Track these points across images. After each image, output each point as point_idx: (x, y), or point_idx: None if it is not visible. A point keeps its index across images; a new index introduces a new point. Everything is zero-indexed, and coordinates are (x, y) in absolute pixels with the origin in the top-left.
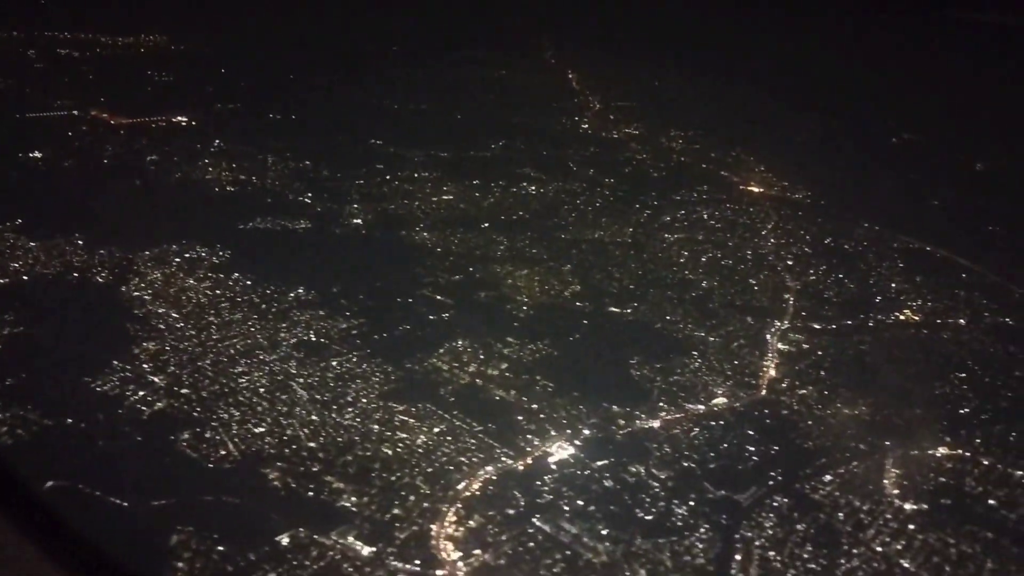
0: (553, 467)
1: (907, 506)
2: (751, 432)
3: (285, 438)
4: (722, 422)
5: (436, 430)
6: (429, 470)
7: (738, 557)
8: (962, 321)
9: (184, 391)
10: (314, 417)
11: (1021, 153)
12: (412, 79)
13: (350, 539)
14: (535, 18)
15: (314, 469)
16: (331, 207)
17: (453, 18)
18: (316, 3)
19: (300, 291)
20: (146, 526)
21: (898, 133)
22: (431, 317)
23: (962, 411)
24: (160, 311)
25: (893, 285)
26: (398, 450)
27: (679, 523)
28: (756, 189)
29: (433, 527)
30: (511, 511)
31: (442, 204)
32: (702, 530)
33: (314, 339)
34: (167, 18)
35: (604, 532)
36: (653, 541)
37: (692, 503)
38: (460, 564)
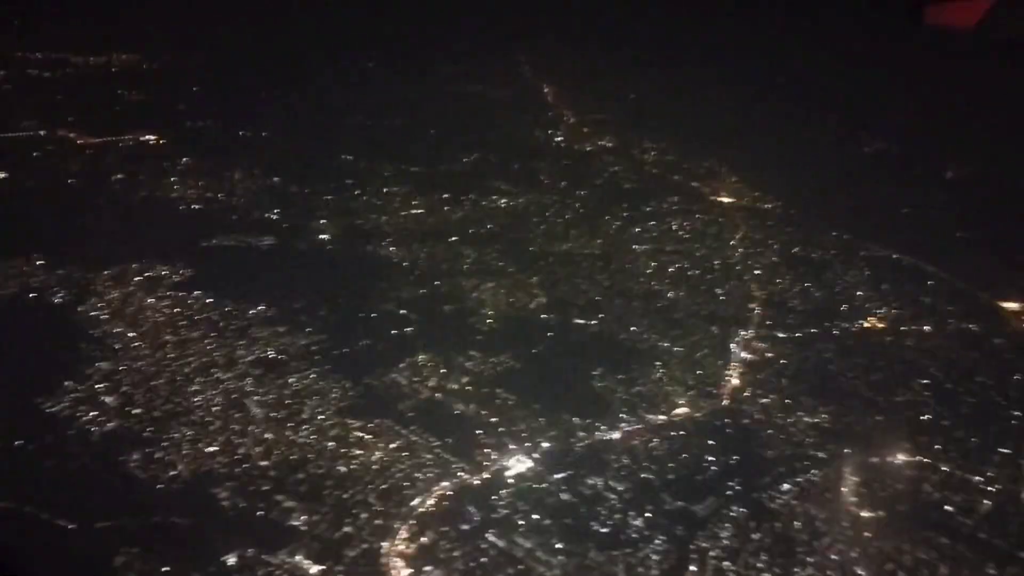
0: (510, 481)
1: (864, 513)
2: (711, 442)
3: (237, 457)
4: (682, 432)
5: (392, 446)
6: (384, 487)
7: (693, 568)
8: (927, 328)
9: (136, 411)
10: (268, 435)
11: (991, 160)
12: (386, 94)
13: (298, 558)
14: (513, 32)
15: (265, 488)
16: (297, 223)
17: (430, 33)
18: (292, 20)
19: (261, 308)
20: (91, 548)
21: (871, 143)
22: (393, 332)
23: (923, 418)
24: (116, 330)
25: (859, 293)
26: (352, 467)
27: (634, 535)
28: (727, 199)
29: (384, 544)
30: (465, 526)
31: (410, 218)
32: (657, 541)
33: (272, 356)
34: (140, 37)
35: (558, 546)
36: (607, 554)
37: (649, 515)
38: None
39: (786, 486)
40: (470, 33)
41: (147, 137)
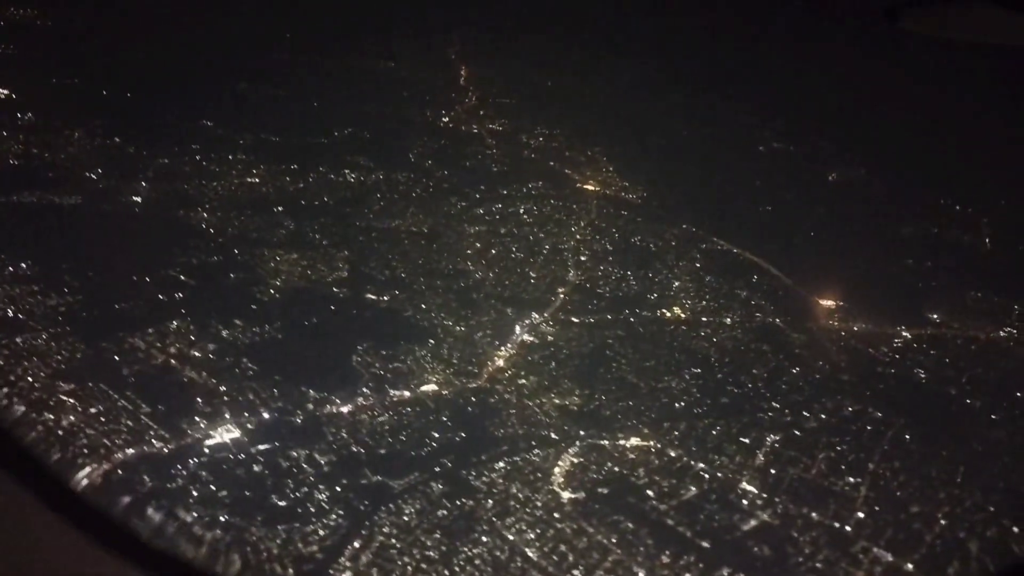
0: (205, 451)
1: (565, 494)
2: (445, 419)
3: None
4: (419, 409)
5: (93, 410)
6: (58, 455)
7: (356, 543)
8: (727, 320)
9: None
10: None
11: (880, 167)
12: (287, 66)
13: None
14: (451, 15)
15: None
16: (115, 184)
17: (365, 9)
18: None
19: (24, 265)
20: None
21: (768, 142)
22: (160, 297)
23: (677, 405)
24: None
25: (676, 284)
26: (35, 432)
27: (312, 509)
28: (591, 188)
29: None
30: (128, 497)
31: (243, 186)
32: (334, 516)
33: (11, 315)
34: None
35: (223, 519)
36: (271, 528)
37: (338, 488)
38: None
39: (500, 464)
40: (409, 12)
41: (1, 91)
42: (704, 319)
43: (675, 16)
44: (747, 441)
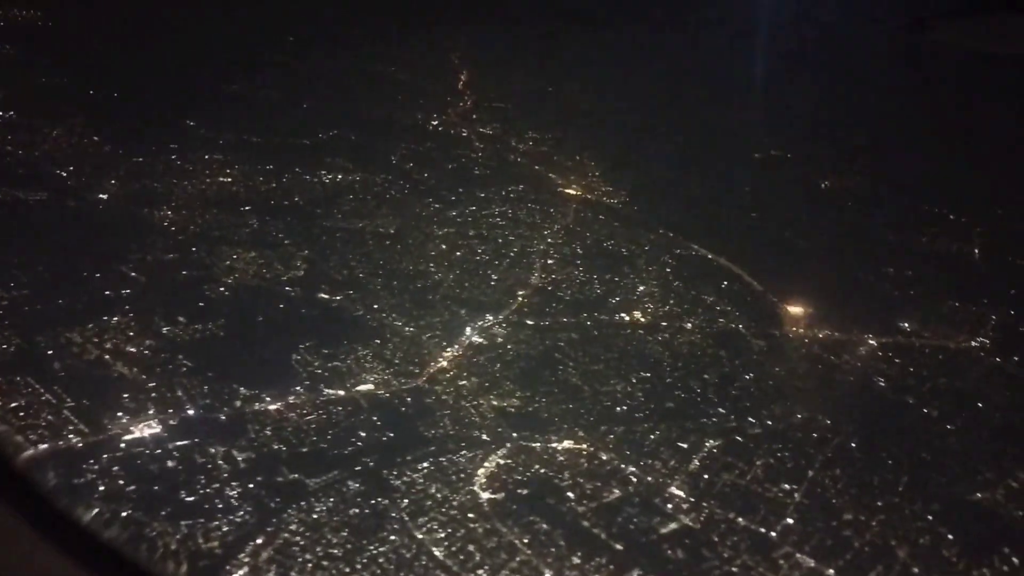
0: (121, 446)
1: (484, 495)
2: (376, 419)
3: None
4: (350, 408)
5: (14, 404)
6: None
7: (259, 540)
8: (688, 325)
9: None
10: None
11: (875, 173)
12: (283, 68)
13: None
14: (454, 20)
15: None
16: (84, 181)
17: (372, 12)
18: None
19: None
20: None
21: (765, 149)
22: (107, 292)
23: (619, 408)
24: None
25: (642, 288)
26: None
27: (220, 505)
28: (572, 192)
29: None
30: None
31: (213, 185)
32: (241, 513)
33: None
34: None
35: (125, 514)
36: (174, 523)
37: (251, 486)
38: None
39: (424, 464)
40: (415, 16)
41: None
42: (663, 324)
43: (682, 23)
44: (685, 446)
